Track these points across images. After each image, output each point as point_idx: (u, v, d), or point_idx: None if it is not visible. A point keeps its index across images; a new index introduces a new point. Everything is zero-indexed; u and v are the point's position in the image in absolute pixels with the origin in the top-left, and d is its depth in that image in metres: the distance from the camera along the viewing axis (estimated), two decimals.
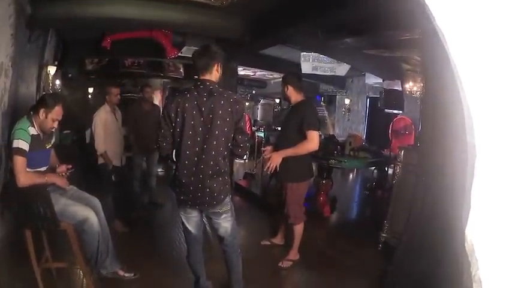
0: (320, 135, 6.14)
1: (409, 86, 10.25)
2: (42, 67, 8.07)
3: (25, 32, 6.28)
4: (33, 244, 4.26)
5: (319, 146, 5.44)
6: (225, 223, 4.13)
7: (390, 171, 10.53)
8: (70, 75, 13.28)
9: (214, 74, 3.94)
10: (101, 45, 9.82)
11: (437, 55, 3.07)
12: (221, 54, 4.01)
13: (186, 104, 3.77)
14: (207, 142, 3.78)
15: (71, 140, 12.18)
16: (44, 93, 4.42)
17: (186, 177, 3.86)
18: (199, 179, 3.83)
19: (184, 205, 4.04)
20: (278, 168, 5.50)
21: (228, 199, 4.05)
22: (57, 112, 4.36)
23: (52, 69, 8.66)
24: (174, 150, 3.97)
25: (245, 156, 9.72)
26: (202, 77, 3.88)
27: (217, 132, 3.77)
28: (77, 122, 11.74)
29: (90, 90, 15.91)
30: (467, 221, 2.23)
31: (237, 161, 11.88)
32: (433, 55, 3.77)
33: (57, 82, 10.55)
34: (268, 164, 5.42)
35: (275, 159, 5.37)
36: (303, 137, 5.34)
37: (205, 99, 3.78)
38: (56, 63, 9.50)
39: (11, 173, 4.19)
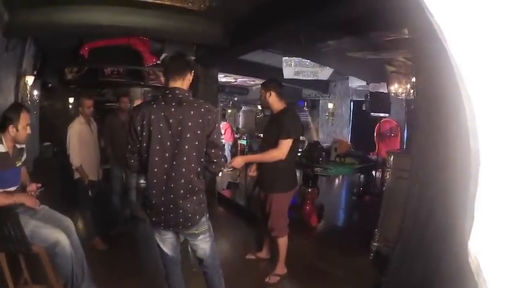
0: (303, 141, 6.01)
1: (394, 88, 10.10)
2: (20, 77, 7.86)
3: (2, 41, 6.06)
4: (11, 266, 4.10)
5: (303, 153, 5.30)
6: (203, 244, 3.85)
7: (377, 174, 10.44)
8: (50, 85, 13.06)
9: (186, 82, 3.67)
10: (79, 53, 9.62)
11: (434, 53, 2.88)
12: (194, 65, 3.76)
13: (152, 116, 3.45)
14: (176, 158, 3.47)
15: (52, 152, 11.92)
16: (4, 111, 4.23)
17: (155, 197, 3.55)
18: (171, 199, 3.52)
19: (158, 226, 3.75)
20: (259, 177, 5.55)
21: (204, 219, 3.75)
22: (24, 119, 4.20)
23: (30, 79, 8.45)
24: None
25: (220, 174, 9.46)
26: (172, 85, 3.59)
27: (187, 146, 3.46)
28: (58, 133, 11.50)
29: (71, 100, 15.65)
30: (470, 234, 1.99)
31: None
32: (429, 53, 3.58)
33: (35, 92, 10.30)
34: (229, 163, 5.41)
35: (236, 162, 5.37)
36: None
37: (173, 109, 3.46)
38: (35, 72, 9.30)
39: None
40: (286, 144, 5.24)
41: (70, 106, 15.69)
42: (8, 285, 4.05)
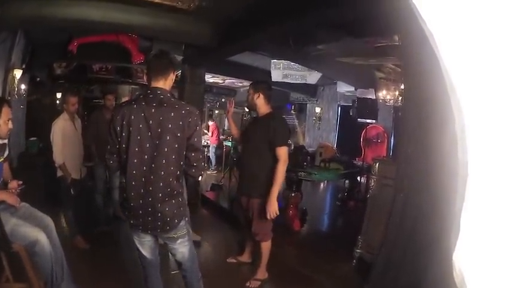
0: (290, 144, 6.00)
1: (382, 94, 10.10)
2: (8, 70, 7.77)
3: None
4: None
5: (288, 157, 5.27)
6: (182, 248, 3.80)
7: (362, 180, 10.43)
8: (38, 79, 12.97)
9: (169, 82, 3.59)
10: (68, 48, 9.55)
11: (425, 59, 2.84)
12: (178, 65, 3.68)
13: (132, 116, 3.38)
14: (155, 160, 3.41)
15: (38, 148, 11.82)
16: None
17: (134, 200, 3.48)
18: (149, 202, 3.46)
19: (136, 229, 3.70)
20: (240, 182, 5.64)
21: (183, 223, 3.69)
22: (6, 113, 4.11)
23: (18, 73, 8.37)
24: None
25: (200, 177, 9.35)
26: (154, 85, 3.52)
27: (166, 149, 3.40)
28: (44, 128, 11.40)
29: (59, 95, 15.54)
30: (455, 246, 1.95)
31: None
32: (420, 59, 3.55)
33: (23, 87, 10.22)
34: (270, 215, 5.22)
35: (274, 208, 5.20)
36: (272, 152, 5.22)
37: (153, 110, 3.39)
38: (24, 66, 9.22)
39: None
40: (285, 152, 5.25)
41: (58, 101, 15.60)
42: None
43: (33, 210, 4.46)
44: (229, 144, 13.81)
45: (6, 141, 4.34)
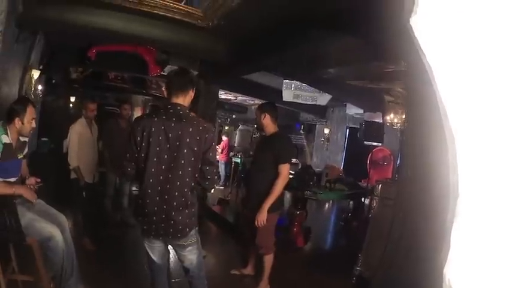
0: (297, 163, 6.10)
1: (390, 118, 10.19)
2: (27, 70, 7.92)
3: (14, 31, 6.14)
4: (0, 254, 4.16)
5: (295, 176, 5.41)
6: (191, 255, 3.95)
7: (366, 201, 10.50)
8: (54, 81, 13.08)
9: (188, 99, 3.81)
10: (87, 54, 9.70)
11: (423, 90, 3.01)
12: (197, 82, 3.88)
13: (153, 128, 3.57)
14: (172, 171, 3.59)
15: (48, 148, 11.92)
16: (12, 103, 4.35)
17: (149, 206, 3.66)
18: (164, 209, 3.64)
19: (148, 235, 3.85)
20: (246, 197, 5.83)
21: (193, 232, 3.86)
22: (30, 113, 4.33)
23: (36, 73, 8.52)
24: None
25: (212, 190, 9.47)
26: (174, 100, 3.73)
27: (183, 161, 3.58)
28: (56, 130, 11.50)
29: (72, 99, 15.69)
30: (446, 261, 2.13)
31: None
32: (418, 89, 3.70)
33: (40, 87, 10.37)
34: (257, 223, 5.38)
35: (263, 217, 5.36)
36: (276, 169, 5.41)
37: (173, 124, 3.59)
38: (41, 67, 9.36)
39: None
40: (286, 169, 5.45)
41: (71, 105, 15.72)
42: None
43: (48, 207, 4.62)
44: (238, 161, 13.90)
45: (27, 139, 4.54)
